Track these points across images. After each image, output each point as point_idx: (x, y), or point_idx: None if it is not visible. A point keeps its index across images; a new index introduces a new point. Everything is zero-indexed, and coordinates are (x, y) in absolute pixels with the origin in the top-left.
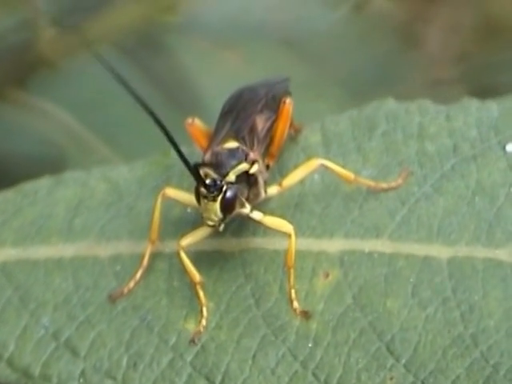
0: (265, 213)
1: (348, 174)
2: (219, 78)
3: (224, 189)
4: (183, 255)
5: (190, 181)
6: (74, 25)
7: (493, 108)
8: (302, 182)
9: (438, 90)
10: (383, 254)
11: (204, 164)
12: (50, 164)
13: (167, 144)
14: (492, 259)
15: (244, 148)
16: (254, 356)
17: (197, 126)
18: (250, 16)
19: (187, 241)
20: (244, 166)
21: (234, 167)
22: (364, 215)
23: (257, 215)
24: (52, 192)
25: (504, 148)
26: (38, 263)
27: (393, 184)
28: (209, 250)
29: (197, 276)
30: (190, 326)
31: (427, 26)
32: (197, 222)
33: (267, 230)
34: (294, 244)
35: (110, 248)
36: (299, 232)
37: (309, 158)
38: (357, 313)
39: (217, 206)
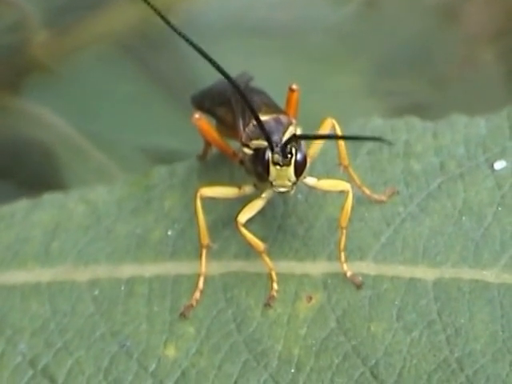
0: None
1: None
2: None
3: (294, 150)
4: (244, 230)
5: (172, 201)
6: (67, 26)
7: (481, 125)
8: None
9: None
10: (367, 276)
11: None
12: (45, 171)
13: (160, 153)
14: (479, 281)
15: (280, 115)
16: (235, 382)
17: (204, 120)
18: (252, 14)
19: (245, 216)
20: (291, 129)
21: (285, 131)
22: (348, 236)
23: (311, 180)
24: (29, 215)
25: (492, 166)
26: (15, 288)
27: (375, 197)
28: (189, 273)
29: (260, 245)
30: (170, 352)
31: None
32: (178, 245)
33: (249, 253)
34: (351, 202)
35: (88, 272)
36: (281, 254)
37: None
38: (340, 337)
39: (291, 169)
